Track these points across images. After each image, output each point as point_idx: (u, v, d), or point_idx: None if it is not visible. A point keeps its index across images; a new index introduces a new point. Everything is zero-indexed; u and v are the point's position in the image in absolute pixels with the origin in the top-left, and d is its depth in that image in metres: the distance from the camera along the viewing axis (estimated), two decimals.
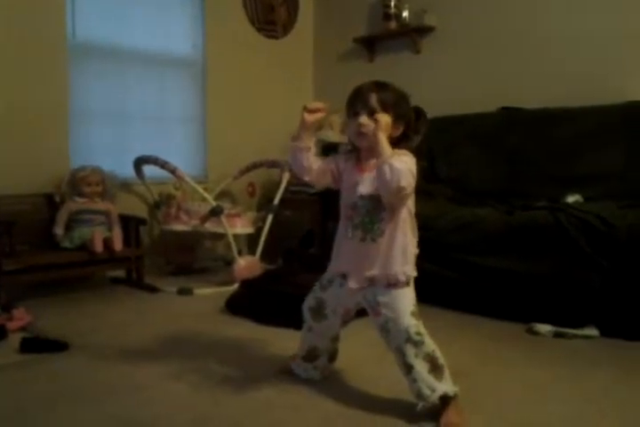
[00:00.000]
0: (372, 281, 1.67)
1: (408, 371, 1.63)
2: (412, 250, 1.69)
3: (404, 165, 1.52)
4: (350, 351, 1.99)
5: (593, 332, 2.39)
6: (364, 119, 1.62)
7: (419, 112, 1.72)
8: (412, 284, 1.69)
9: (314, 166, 1.74)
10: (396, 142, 1.64)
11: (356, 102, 1.65)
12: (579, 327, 2.42)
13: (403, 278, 1.65)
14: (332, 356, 1.93)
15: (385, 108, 1.61)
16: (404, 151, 1.61)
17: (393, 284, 1.65)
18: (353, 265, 1.70)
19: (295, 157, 1.73)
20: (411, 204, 1.68)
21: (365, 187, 1.66)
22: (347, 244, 1.71)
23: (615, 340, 2.34)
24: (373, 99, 1.61)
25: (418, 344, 1.62)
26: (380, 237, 1.65)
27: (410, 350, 1.61)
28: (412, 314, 1.64)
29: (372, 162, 1.65)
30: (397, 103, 1.64)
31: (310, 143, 1.71)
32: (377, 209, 1.65)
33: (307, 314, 1.85)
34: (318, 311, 1.81)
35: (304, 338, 1.90)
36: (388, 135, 1.61)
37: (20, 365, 2.08)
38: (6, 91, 3.24)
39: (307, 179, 1.78)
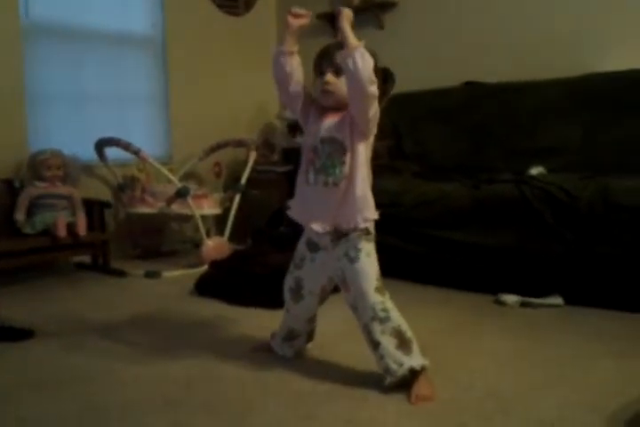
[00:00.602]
0: (334, 228, 1.66)
1: (375, 347, 1.65)
2: (371, 195, 1.68)
3: (369, 63, 1.52)
4: (323, 327, 1.99)
5: (557, 300, 2.45)
6: (329, 77, 1.62)
7: (386, 73, 1.72)
8: (373, 254, 1.68)
9: (295, 75, 1.67)
10: None
11: (323, 61, 1.65)
12: (544, 297, 2.47)
13: (362, 224, 1.65)
14: (310, 336, 1.94)
15: None
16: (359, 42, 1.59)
17: (355, 246, 1.65)
18: (316, 211, 1.69)
19: (278, 62, 1.68)
20: (368, 149, 1.67)
21: (326, 130, 1.66)
22: (308, 190, 1.71)
23: (579, 308, 2.40)
24: (340, 56, 1.59)
25: (383, 321, 1.63)
26: (342, 180, 1.64)
27: (376, 327, 1.63)
28: (377, 290, 1.65)
29: (338, 111, 1.65)
30: None
31: (294, 48, 1.67)
32: (338, 152, 1.64)
33: (286, 295, 1.85)
34: (297, 291, 1.81)
35: (284, 318, 1.90)
36: None
37: None
38: None
39: (287, 89, 1.69)
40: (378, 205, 1.71)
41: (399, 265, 2.72)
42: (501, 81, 3.43)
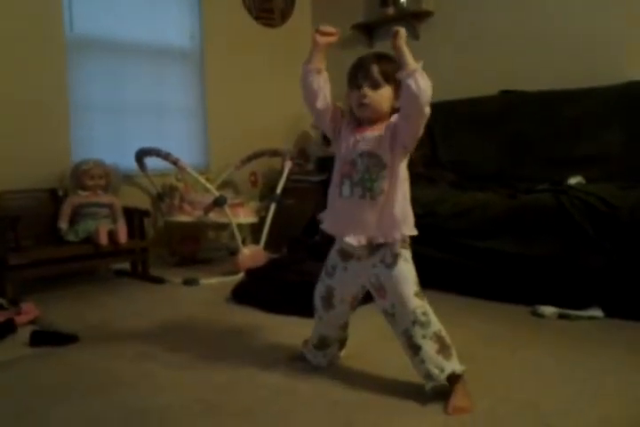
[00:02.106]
0: (370, 241, 1.67)
1: (415, 352, 1.64)
2: (411, 211, 1.69)
3: (429, 85, 1.53)
4: (356, 337, 2.00)
5: (597, 313, 2.40)
6: (366, 90, 1.63)
7: None
8: (410, 259, 1.69)
9: (322, 92, 1.70)
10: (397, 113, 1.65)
11: (358, 74, 1.66)
12: (583, 309, 2.43)
13: (399, 239, 1.65)
14: (342, 344, 1.95)
15: (387, 80, 1.63)
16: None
17: (392, 252, 1.66)
18: (352, 223, 1.69)
19: (306, 79, 1.70)
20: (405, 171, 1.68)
21: (367, 144, 1.67)
22: (343, 202, 1.71)
23: (619, 320, 2.35)
24: (375, 70, 1.62)
25: (425, 325, 1.63)
26: (380, 194, 1.65)
27: (417, 331, 1.63)
28: (416, 295, 1.65)
29: (374, 125, 1.67)
30: None
31: (321, 66, 1.70)
32: (377, 167, 1.65)
33: (317, 303, 1.86)
34: (328, 300, 1.82)
35: (315, 326, 1.91)
36: (391, 106, 1.65)
37: (30, 358, 2.10)
38: (6, 86, 3.24)
39: (315, 106, 1.72)
40: (414, 215, 1.71)
41: (435, 275, 2.70)
42: (539, 89, 3.40)
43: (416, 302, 1.64)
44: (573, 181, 2.88)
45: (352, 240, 1.67)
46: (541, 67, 3.54)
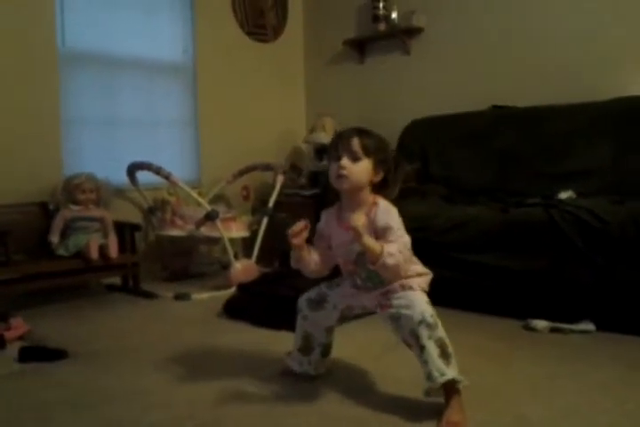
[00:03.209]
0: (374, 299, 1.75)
1: (420, 352, 1.64)
2: (417, 281, 1.75)
3: (397, 256, 1.60)
4: (349, 350, 1.99)
5: (589, 326, 2.41)
6: (344, 161, 1.66)
7: (397, 162, 1.76)
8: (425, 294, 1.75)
9: (319, 263, 1.78)
10: (377, 188, 1.71)
11: (339, 147, 1.69)
12: (575, 322, 2.43)
13: (398, 288, 1.71)
14: (326, 350, 1.93)
15: (367, 153, 1.67)
16: (385, 203, 1.69)
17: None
18: (359, 302, 1.79)
19: (304, 269, 1.79)
20: (407, 239, 1.70)
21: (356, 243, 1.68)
22: (350, 290, 1.80)
23: (611, 334, 2.36)
24: (355, 143, 1.66)
25: (432, 327, 1.63)
26: (389, 284, 1.72)
27: (424, 332, 1.63)
28: (428, 303, 1.70)
29: (354, 207, 1.71)
30: (379, 148, 1.69)
31: (309, 256, 1.76)
32: None
33: (303, 304, 1.88)
34: (317, 303, 1.84)
35: (299, 327, 1.92)
36: (369, 181, 1.69)
37: (19, 374, 2.07)
38: None
39: (325, 274, 1.84)
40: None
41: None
42: (530, 105, 3.44)
43: (426, 306, 1.67)
44: (564, 195, 2.90)
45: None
46: (531, 82, 3.58)
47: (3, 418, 1.73)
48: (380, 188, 1.72)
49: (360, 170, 1.66)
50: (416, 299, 1.68)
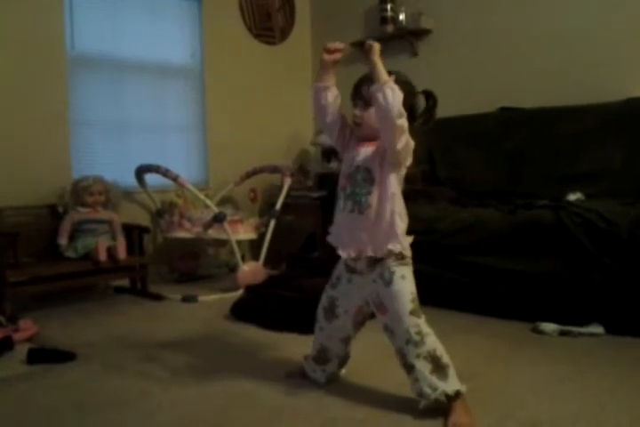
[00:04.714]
0: (359, 254, 1.69)
1: (409, 371, 1.64)
2: (401, 226, 1.69)
3: (398, 98, 1.55)
4: (356, 353, 1.99)
5: (598, 329, 2.39)
6: (357, 110, 1.69)
7: (428, 95, 1.81)
8: (409, 276, 1.69)
9: (331, 107, 1.75)
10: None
11: (355, 93, 1.71)
12: (583, 325, 2.42)
13: (386, 253, 1.67)
14: (343, 361, 1.92)
15: None
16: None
17: (389, 269, 1.67)
18: (345, 236, 1.74)
19: (316, 97, 1.75)
20: (399, 181, 1.69)
21: (362, 158, 1.71)
22: (340, 215, 1.76)
23: (620, 337, 2.34)
24: (366, 89, 1.64)
25: (418, 344, 1.62)
26: (367, 209, 1.68)
27: (411, 351, 1.62)
28: (412, 313, 1.65)
29: (373, 141, 1.70)
30: None
31: (329, 83, 1.74)
32: (367, 181, 1.69)
33: (320, 313, 1.87)
34: (330, 310, 1.82)
35: (316, 337, 1.91)
36: None
37: (27, 376, 2.08)
38: (7, 103, 3.26)
39: (324, 119, 1.77)
40: (413, 232, 1.72)
41: (435, 292, 2.69)
42: (538, 106, 3.42)
43: (411, 320, 1.64)
44: (573, 197, 2.88)
45: (343, 253, 1.72)
46: (540, 84, 3.56)
47: (11, 419, 1.74)
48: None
49: (371, 115, 1.65)
50: (401, 311, 1.64)
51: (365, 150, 1.72)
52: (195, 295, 3.25)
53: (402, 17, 4.13)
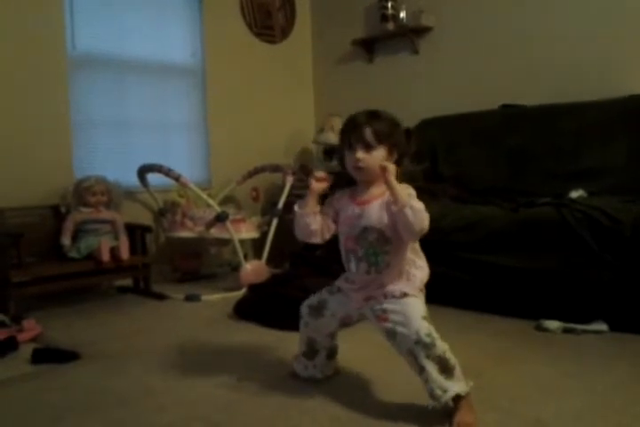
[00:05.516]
0: (369, 299, 1.71)
1: (420, 372, 1.63)
2: (419, 276, 1.71)
3: (421, 206, 1.56)
4: (356, 351, 1.99)
5: (602, 327, 2.39)
6: (360, 154, 1.64)
7: (408, 133, 1.74)
8: (421, 297, 1.71)
9: (321, 229, 1.74)
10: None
11: (351, 135, 1.67)
12: (587, 323, 2.41)
13: (397, 294, 1.67)
14: (331, 353, 1.93)
15: (380, 141, 1.64)
16: (405, 185, 1.64)
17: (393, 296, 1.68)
18: (359, 293, 1.74)
19: (303, 222, 1.73)
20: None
21: (369, 219, 1.67)
22: (352, 276, 1.76)
23: (624, 334, 2.34)
24: (368, 133, 1.63)
25: (428, 346, 1.60)
26: (386, 269, 1.68)
27: (420, 352, 1.60)
28: (424, 318, 1.64)
29: (372, 192, 1.69)
30: (391, 133, 1.67)
31: (316, 209, 1.73)
32: (381, 242, 1.66)
33: (304, 310, 1.87)
34: (317, 310, 1.83)
35: (302, 333, 1.91)
36: None
37: (31, 376, 2.09)
38: (8, 103, 3.26)
39: (315, 241, 1.76)
40: None
41: (438, 290, 2.68)
42: (540, 103, 3.41)
43: (422, 323, 1.62)
44: (575, 194, 2.88)
45: (354, 305, 1.75)
46: (541, 81, 3.56)
47: (15, 419, 1.74)
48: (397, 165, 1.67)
49: (375, 159, 1.64)
50: (412, 315, 1.63)
51: (369, 210, 1.68)
52: (198, 295, 3.25)
53: (402, 14, 4.13)
